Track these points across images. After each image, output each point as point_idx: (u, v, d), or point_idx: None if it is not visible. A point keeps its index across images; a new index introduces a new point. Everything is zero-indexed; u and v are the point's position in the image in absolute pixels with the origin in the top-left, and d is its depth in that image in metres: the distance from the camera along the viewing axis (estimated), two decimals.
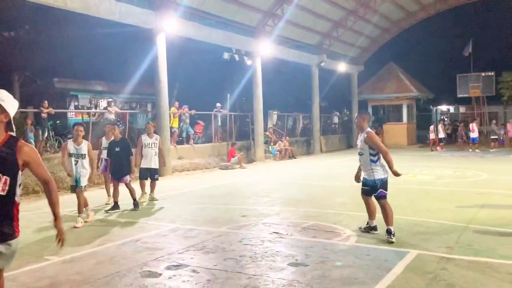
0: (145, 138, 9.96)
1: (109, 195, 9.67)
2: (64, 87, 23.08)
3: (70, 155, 7.72)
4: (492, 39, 34.55)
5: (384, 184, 6.33)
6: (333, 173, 15.74)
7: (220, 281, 4.75)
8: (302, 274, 4.96)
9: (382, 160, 6.40)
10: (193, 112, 18.11)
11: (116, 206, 8.91)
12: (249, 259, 5.50)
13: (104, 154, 9.60)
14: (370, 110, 31.90)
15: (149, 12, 14.67)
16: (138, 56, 17.42)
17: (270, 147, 21.57)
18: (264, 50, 20.16)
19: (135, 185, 9.55)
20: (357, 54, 29.00)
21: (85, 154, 7.74)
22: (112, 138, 9.27)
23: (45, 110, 13.47)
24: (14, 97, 3.27)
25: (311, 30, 23.33)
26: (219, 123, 19.48)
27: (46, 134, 13.81)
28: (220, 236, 6.70)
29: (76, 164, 7.68)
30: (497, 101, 32.64)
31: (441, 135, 26.71)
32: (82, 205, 7.66)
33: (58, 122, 17.48)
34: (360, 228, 6.87)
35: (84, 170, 7.75)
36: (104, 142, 9.74)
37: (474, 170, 14.86)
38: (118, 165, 8.94)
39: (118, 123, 16.26)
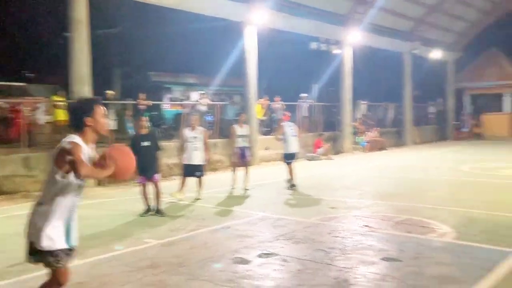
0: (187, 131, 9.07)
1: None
2: (159, 80, 24.42)
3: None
4: None
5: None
6: (426, 165, 14.98)
7: (310, 272, 4.74)
8: (395, 270, 4.79)
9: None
10: (280, 104, 18.18)
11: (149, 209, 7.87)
12: (339, 251, 5.43)
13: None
14: (468, 99, 29.89)
15: (239, 5, 14.94)
16: (228, 49, 17.84)
17: (358, 138, 21.05)
18: (353, 39, 19.65)
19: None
20: (453, 40, 27.20)
21: None
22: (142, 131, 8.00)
23: (143, 102, 14.30)
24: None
25: (403, 16, 22.25)
26: (305, 114, 19.37)
27: None
28: (309, 227, 6.69)
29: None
30: None
31: None
32: None
33: (154, 113, 18.54)
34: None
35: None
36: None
37: None
38: (147, 162, 7.51)
39: (209, 114, 16.91)
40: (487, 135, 27.24)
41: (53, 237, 3.08)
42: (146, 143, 7.76)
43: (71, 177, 3.06)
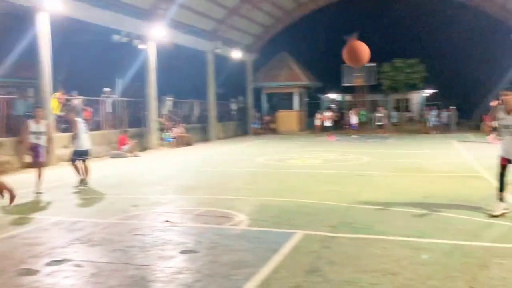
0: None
1: None
2: None
3: None
4: (374, 32, 37.25)
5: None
6: (228, 159, 15.92)
7: (106, 274, 4.54)
8: (192, 261, 4.93)
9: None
10: (78, 98, 17.03)
11: None
12: (137, 249, 5.34)
13: None
14: (264, 97, 32.81)
15: None
16: (18, 36, 15.86)
17: (164, 134, 21.13)
18: (157, 34, 19.56)
19: None
20: (251, 42, 29.46)
21: None
22: None
23: None
24: None
25: (206, 16, 23.15)
26: (109, 109, 18.57)
27: None
28: (108, 228, 6.41)
29: None
30: (378, 90, 35.55)
31: (328, 123, 28.45)
32: None
33: None
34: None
35: None
36: None
37: (356, 154, 16.00)
38: None
39: None
40: (281, 130, 30.39)
41: None
42: None
43: None
